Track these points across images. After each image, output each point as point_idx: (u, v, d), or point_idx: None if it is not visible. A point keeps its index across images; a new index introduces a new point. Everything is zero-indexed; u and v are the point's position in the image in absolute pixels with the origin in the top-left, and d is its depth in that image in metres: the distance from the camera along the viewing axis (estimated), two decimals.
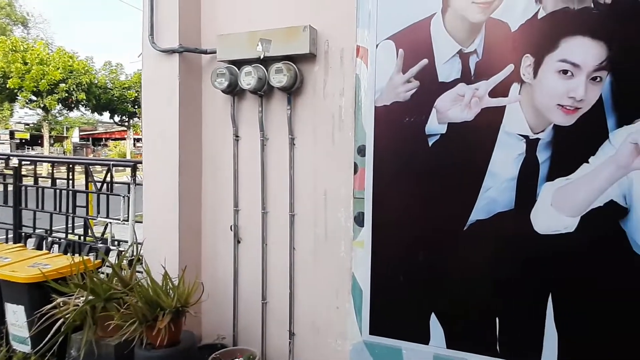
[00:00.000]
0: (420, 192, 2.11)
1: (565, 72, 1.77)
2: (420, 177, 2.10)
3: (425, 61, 2.05)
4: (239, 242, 2.71)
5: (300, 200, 2.51)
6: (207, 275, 2.79)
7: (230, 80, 2.51)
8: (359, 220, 2.27)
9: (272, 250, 2.62)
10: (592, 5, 1.75)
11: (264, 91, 2.50)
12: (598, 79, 1.74)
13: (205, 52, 2.69)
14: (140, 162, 2.95)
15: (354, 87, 2.30)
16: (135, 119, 27.01)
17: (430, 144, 2.07)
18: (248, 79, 2.45)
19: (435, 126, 2.05)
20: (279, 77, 2.37)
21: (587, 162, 1.79)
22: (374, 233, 2.21)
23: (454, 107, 2.00)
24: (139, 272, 2.57)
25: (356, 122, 2.28)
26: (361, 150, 2.26)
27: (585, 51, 1.74)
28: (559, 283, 1.88)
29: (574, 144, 1.81)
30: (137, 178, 3.27)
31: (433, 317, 2.10)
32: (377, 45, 2.17)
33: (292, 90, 2.45)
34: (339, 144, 2.39)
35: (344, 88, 2.37)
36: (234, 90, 2.59)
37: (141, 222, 2.89)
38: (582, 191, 1.80)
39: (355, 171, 2.29)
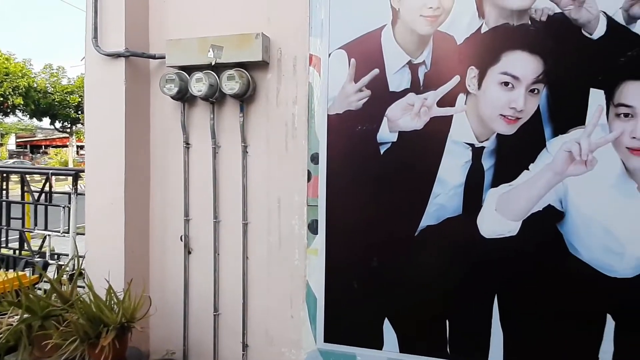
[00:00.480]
0: (373, 199, 2.14)
1: (506, 84, 1.87)
2: (373, 184, 2.14)
3: (376, 71, 2.10)
4: (189, 252, 2.64)
5: (254, 208, 2.48)
6: (156, 288, 2.69)
7: (180, 86, 2.46)
8: (312, 227, 2.28)
9: (225, 260, 2.56)
10: (530, 22, 1.87)
11: (215, 98, 2.46)
12: (536, 91, 1.85)
13: (153, 57, 2.61)
14: (83, 171, 2.81)
15: (307, 95, 2.31)
16: (79, 125, 25.77)
17: (382, 151, 2.11)
18: (199, 85, 2.40)
19: (386, 134, 2.10)
20: (231, 84, 2.35)
21: (528, 169, 1.90)
22: (327, 240, 2.23)
23: (405, 116, 2.06)
24: (80, 287, 2.43)
25: (309, 130, 2.30)
26: (314, 158, 2.28)
27: (524, 65, 1.85)
28: (504, 284, 1.97)
29: (516, 152, 1.91)
30: (79, 187, 3.11)
31: (386, 322, 2.13)
32: (329, 55, 2.20)
33: (245, 98, 2.43)
34: (292, 151, 2.39)
35: (297, 96, 2.37)
36: (184, 97, 2.53)
37: (83, 234, 2.74)
38: (523, 197, 1.90)
39: (309, 179, 2.30)
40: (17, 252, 3.62)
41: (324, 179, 2.23)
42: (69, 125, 25.85)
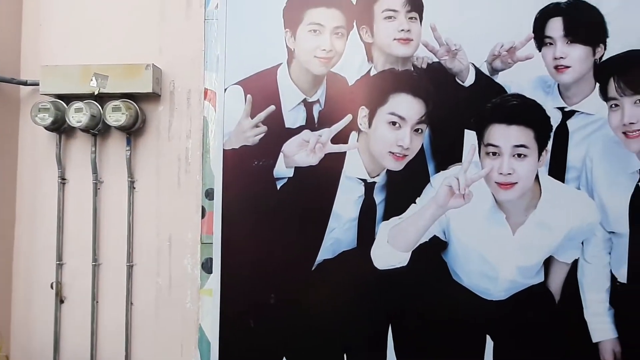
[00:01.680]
0: (270, 235, 2.12)
1: (394, 123, 2.02)
2: (270, 220, 2.13)
3: (272, 107, 2.13)
4: (62, 301, 2.33)
5: (141, 248, 2.30)
6: (19, 346, 2.31)
7: (56, 116, 2.23)
8: (207, 266, 2.18)
9: (105, 308, 2.30)
10: (412, 68, 2.06)
11: (98, 130, 2.28)
12: (420, 130, 2.02)
13: (24, 84, 2.35)
14: None
15: (202, 129, 2.26)
16: None
17: (278, 187, 2.12)
18: (79, 115, 2.20)
19: (283, 170, 2.12)
20: (116, 116, 2.19)
21: (415, 203, 2.04)
22: (223, 279, 2.14)
23: (300, 152, 2.10)
24: None
25: (204, 164, 2.23)
26: (209, 194, 2.20)
27: (408, 106, 2.02)
28: (397, 314, 2.05)
29: (404, 186, 2.05)
30: None
31: None
32: (225, 89, 2.19)
33: (133, 130, 2.29)
34: (185, 187, 2.28)
35: (191, 130, 2.30)
36: (60, 128, 2.29)
37: None
38: (412, 228, 2.03)
39: (203, 215, 2.21)
40: None
41: (219, 215, 2.16)
42: None
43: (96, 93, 2.22)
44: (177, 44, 2.33)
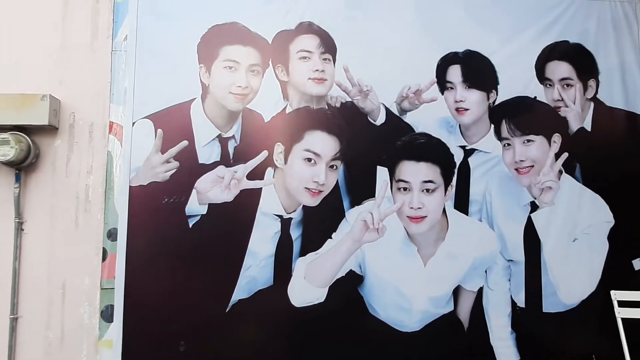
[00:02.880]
0: (180, 277, 2.00)
1: (309, 159, 2.04)
2: (180, 261, 2.01)
3: (185, 143, 2.06)
4: None
5: (28, 297, 2.02)
6: None
7: None
8: (107, 315, 1.98)
9: None
10: (327, 107, 2.13)
11: None
12: (334, 166, 2.06)
13: None
14: None
15: (106, 165, 2.10)
16: None
17: (190, 225, 2.02)
18: None
19: (195, 207, 2.03)
20: (4, 150, 1.97)
21: (331, 238, 2.06)
22: (125, 328, 1.95)
23: (215, 189, 2.04)
24: None
25: (107, 203, 2.07)
26: (112, 234, 2.03)
27: (323, 143, 2.06)
28: (317, 350, 2.00)
29: (320, 222, 2.06)
30: None
31: None
32: (133, 123, 2.08)
33: (24, 166, 2.06)
34: (84, 227, 2.08)
35: (93, 166, 2.13)
36: None
37: None
38: (328, 264, 2.03)
39: (104, 258, 2.03)
40: None
41: (122, 257, 1.99)
42: None
43: None
44: (80, 75, 2.18)
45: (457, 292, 2.09)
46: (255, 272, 2.01)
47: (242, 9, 2.16)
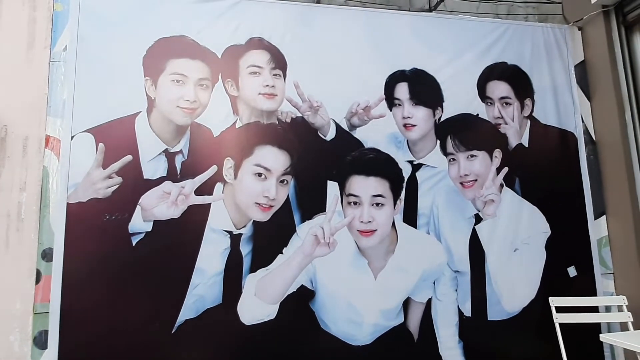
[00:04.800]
0: (122, 299, 1.89)
1: (259, 174, 2.02)
2: (123, 281, 1.91)
3: (129, 157, 1.98)
4: None
5: None
6: None
7: None
8: (40, 341, 1.84)
9: None
10: (277, 122, 2.13)
11: None
12: (285, 181, 2.05)
13: None
14: None
15: (41, 181, 1.98)
16: None
17: (134, 242, 1.93)
18: None
19: (139, 224, 1.94)
20: None
21: (282, 253, 2.03)
22: (61, 355, 1.82)
23: (160, 205, 1.97)
24: None
25: (42, 221, 1.94)
26: (47, 255, 1.91)
27: (274, 158, 2.05)
28: None
29: (271, 237, 2.04)
30: None
31: None
32: (72, 137, 1.98)
33: None
34: (15, 248, 1.93)
35: (27, 182, 1.99)
36: None
37: None
38: (279, 279, 2.00)
39: (38, 280, 1.89)
40: None
41: (58, 279, 1.87)
42: None
43: None
44: (13, 87, 2.05)
45: (406, 304, 2.11)
46: (203, 290, 1.94)
47: (190, 23, 2.13)
